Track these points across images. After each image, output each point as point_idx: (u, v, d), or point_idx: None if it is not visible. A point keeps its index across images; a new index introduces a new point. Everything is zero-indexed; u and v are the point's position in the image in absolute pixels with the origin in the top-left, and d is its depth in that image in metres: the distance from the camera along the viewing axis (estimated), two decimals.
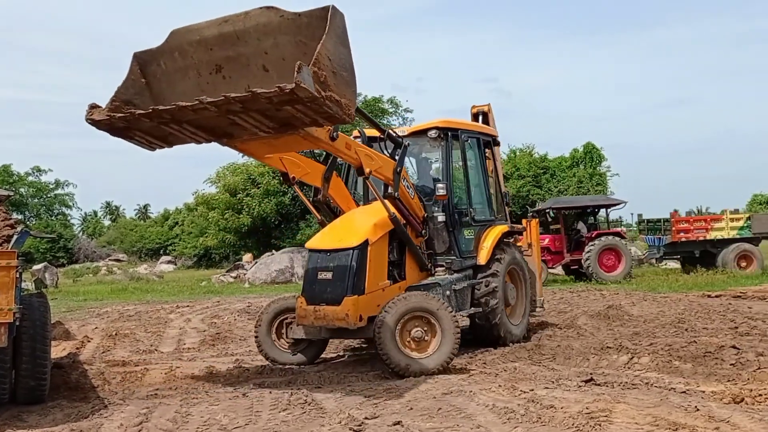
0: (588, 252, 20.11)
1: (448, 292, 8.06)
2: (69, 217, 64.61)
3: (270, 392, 6.52)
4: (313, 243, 7.93)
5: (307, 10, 5.73)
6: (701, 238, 21.18)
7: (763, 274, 19.78)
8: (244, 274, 26.28)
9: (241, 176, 27.98)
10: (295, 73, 5.07)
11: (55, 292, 22.05)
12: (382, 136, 8.07)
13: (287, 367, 7.85)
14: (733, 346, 7.80)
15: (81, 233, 67.45)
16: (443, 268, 8.31)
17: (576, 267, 21.15)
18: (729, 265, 20.17)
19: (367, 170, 7.24)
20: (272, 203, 26.53)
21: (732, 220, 21.17)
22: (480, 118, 10.47)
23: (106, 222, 77.93)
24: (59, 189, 62.28)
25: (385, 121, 27.88)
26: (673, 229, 21.35)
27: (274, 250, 27.37)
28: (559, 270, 22.49)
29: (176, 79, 6.30)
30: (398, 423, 5.11)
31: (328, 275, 7.38)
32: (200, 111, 5.67)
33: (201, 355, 9.17)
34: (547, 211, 22.40)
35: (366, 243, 7.41)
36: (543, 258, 18.27)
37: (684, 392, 5.87)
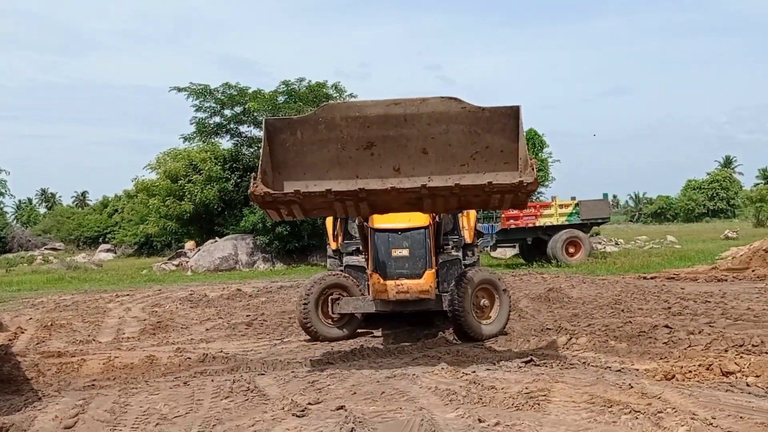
0: None
1: (461, 267, 8.86)
2: (2, 205, 62.09)
3: (212, 380, 6.43)
4: (379, 223, 8.20)
5: (491, 106, 6.18)
6: (530, 225, 21.09)
7: (589, 260, 20.19)
8: (187, 262, 25.83)
9: (182, 162, 27.34)
10: (531, 169, 5.96)
11: None
12: None
13: (231, 354, 7.77)
14: (666, 326, 8.09)
15: (14, 221, 65.04)
16: (451, 246, 9.11)
17: None
18: (557, 251, 20.19)
19: None
20: (215, 190, 26.04)
21: (561, 206, 21.19)
22: None
23: (42, 210, 75.39)
24: None
25: None
26: (503, 216, 21.08)
27: (217, 237, 26.97)
28: None
29: (310, 149, 6.25)
30: (341, 407, 5.12)
31: (404, 252, 7.99)
32: (400, 193, 6.02)
33: (141, 344, 8.97)
34: None
35: (429, 224, 8.20)
36: None
37: (619, 371, 6.07)
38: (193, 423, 5.00)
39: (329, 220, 10.36)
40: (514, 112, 6.17)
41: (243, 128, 28.50)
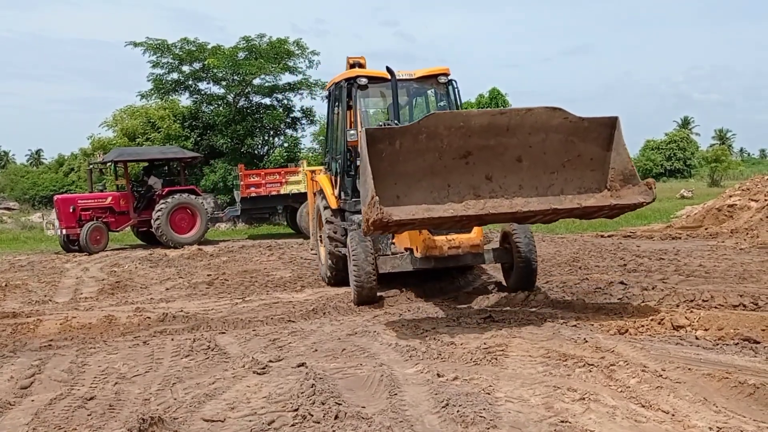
0: (158, 212, 17.36)
1: None
2: None
3: (172, 339, 6.40)
4: None
5: (591, 117, 6.19)
6: (275, 193, 19.47)
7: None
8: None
9: (140, 119, 26.73)
10: (653, 188, 6.06)
11: None
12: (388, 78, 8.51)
13: (191, 313, 7.73)
14: (621, 282, 8.30)
15: None
16: None
17: (146, 229, 18.35)
18: (304, 220, 17.84)
19: None
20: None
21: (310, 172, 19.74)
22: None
23: None
24: None
25: (291, 63, 27.19)
26: (242, 184, 19.32)
27: None
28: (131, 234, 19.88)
29: (405, 158, 6.04)
30: (302, 365, 5.15)
31: None
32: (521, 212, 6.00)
33: (99, 304, 8.86)
34: (108, 164, 19.10)
35: None
36: (105, 219, 17.38)
37: (575, 326, 6.21)
38: (153, 381, 4.99)
39: (325, 178, 9.87)
40: (611, 123, 6.23)
41: (202, 85, 27.94)
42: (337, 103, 9.43)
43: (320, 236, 9.92)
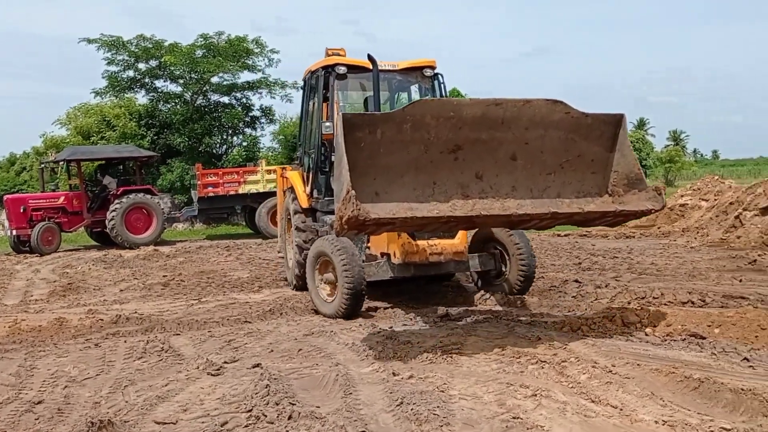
0: (113, 212, 16.96)
1: None
2: None
3: (125, 341, 6.28)
4: None
5: (595, 113, 5.71)
6: (233, 193, 19.07)
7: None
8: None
9: (94, 118, 26.10)
10: (662, 194, 5.70)
11: None
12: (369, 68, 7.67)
13: (145, 315, 7.60)
14: (576, 280, 8.46)
15: None
16: None
17: (100, 229, 17.87)
18: (262, 221, 18.21)
19: None
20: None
21: (269, 172, 18.94)
22: None
23: None
24: None
25: (250, 62, 26.92)
26: (199, 183, 18.90)
27: None
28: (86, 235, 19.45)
29: (387, 150, 5.36)
30: (258, 365, 5.12)
31: None
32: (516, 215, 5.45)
33: (50, 306, 8.64)
34: (61, 163, 18.62)
35: None
36: (57, 220, 16.94)
37: (529, 323, 6.31)
38: (104, 384, 4.90)
39: (296, 174, 9.18)
40: (616, 121, 5.79)
41: (159, 83, 27.45)
42: (313, 93, 8.69)
43: (289, 237, 9.38)
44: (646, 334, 5.64)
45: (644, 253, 11.35)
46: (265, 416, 3.94)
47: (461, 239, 7.27)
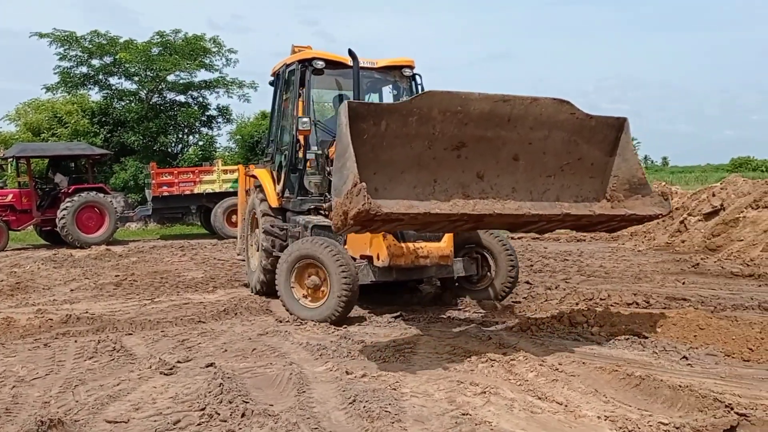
0: (63, 210, 16.64)
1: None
2: None
3: (75, 341, 6.20)
4: None
5: (599, 115, 5.66)
6: (188, 193, 18.98)
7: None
8: None
9: (45, 114, 25.53)
10: (668, 199, 5.71)
11: None
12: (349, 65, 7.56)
13: (96, 315, 7.50)
14: (527, 282, 8.67)
15: None
16: None
17: (50, 228, 17.51)
18: (217, 221, 18.28)
19: None
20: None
21: (225, 172, 19.06)
22: None
23: None
24: None
25: (207, 61, 26.68)
26: (154, 182, 18.79)
27: None
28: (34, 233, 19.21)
29: (391, 144, 5.05)
30: (211, 365, 5.12)
31: None
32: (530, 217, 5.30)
33: None
34: (10, 160, 18.34)
35: None
36: (5, 218, 16.68)
37: (481, 323, 6.46)
38: (54, 384, 4.83)
39: (265, 172, 8.80)
40: (619, 124, 5.74)
41: (113, 80, 27.00)
42: (288, 88, 8.30)
43: (253, 239, 9.10)
44: (592, 334, 5.83)
45: (593, 256, 11.66)
46: (218, 414, 3.96)
47: (447, 243, 7.02)
